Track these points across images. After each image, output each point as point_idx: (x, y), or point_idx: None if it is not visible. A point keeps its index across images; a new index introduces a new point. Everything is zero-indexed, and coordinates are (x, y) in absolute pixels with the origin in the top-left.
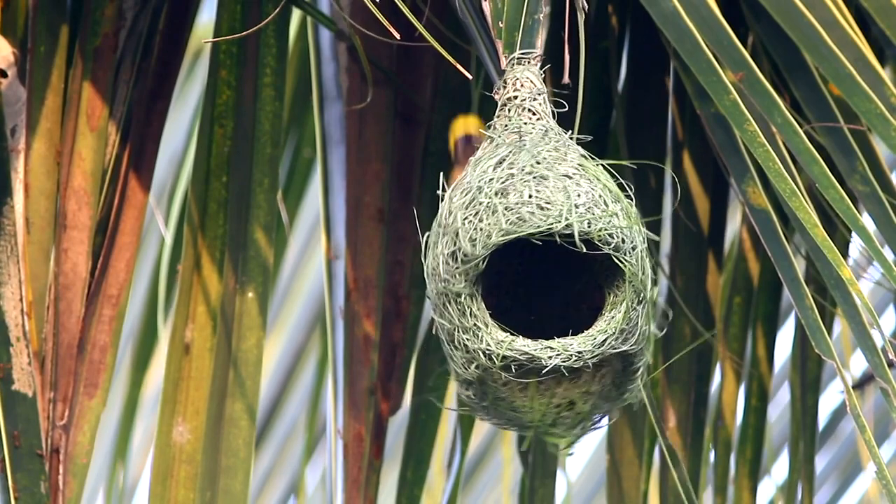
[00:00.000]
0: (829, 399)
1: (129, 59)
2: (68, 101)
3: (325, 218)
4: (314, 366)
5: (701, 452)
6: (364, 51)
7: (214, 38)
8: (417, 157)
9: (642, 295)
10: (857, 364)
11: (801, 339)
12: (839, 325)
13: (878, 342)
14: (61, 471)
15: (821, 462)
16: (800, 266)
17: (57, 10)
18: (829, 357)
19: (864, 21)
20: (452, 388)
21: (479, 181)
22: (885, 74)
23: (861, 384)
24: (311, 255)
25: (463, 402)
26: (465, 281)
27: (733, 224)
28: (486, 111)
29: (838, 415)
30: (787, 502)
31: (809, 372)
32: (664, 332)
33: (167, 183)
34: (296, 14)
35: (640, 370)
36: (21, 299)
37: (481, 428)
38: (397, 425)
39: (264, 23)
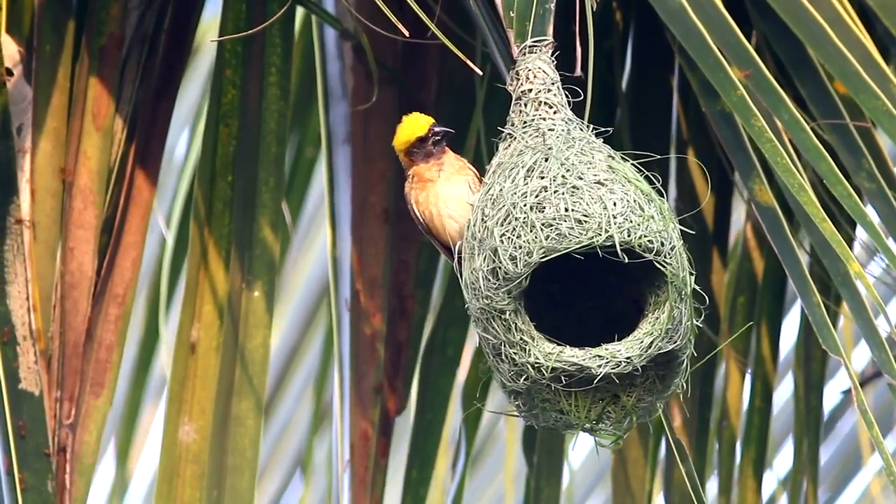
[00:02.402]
0: (830, 396)
1: (134, 58)
2: (74, 100)
3: (330, 217)
4: (315, 358)
5: (706, 452)
6: (369, 49)
7: (220, 37)
8: None
9: (684, 292)
10: (858, 361)
11: (804, 338)
12: (840, 323)
13: (885, 338)
14: (68, 470)
15: (822, 457)
16: (804, 263)
17: (63, 9)
18: (836, 353)
19: (869, 19)
20: (456, 388)
21: (512, 194)
22: (890, 72)
23: (867, 381)
24: (314, 252)
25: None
26: (509, 298)
27: (737, 222)
28: (491, 109)
29: (839, 410)
30: (791, 501)
31: (814, 372)
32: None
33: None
34: (300, 13)
35: (684, 362)
36: (27, 298)
37: (486, 428)
38: (401, 425)
39: (269, 22)
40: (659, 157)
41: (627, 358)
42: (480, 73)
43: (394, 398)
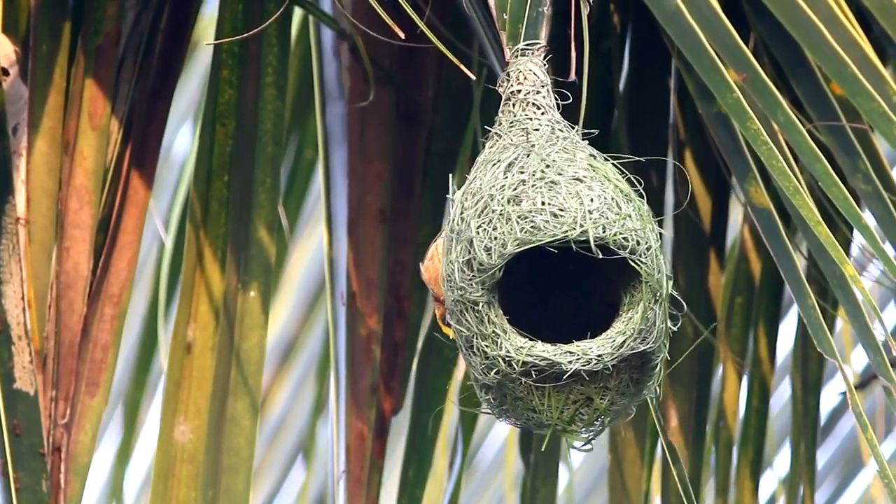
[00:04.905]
0: (830, 396)
1: (130, 57)
2: (70, 99)
3: (326, 217)
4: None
5: (702, 453)
6: (366, 50)
7: (216, 37)
8: (419, 157)
9: (658, 294)
10: (857, 363)
11: (802, 340)
12: (838, 326)
13: (880, 339)
14: (63, 469)
15: (821, 458)
16: (801, 266)
17: (59, 9)
18: (831, 356)
19: (866, 20)
20: (454, 388)
21: (491, 187)
22: (886, 73)
23: (864, 384)
24: (310, 249)
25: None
26: (483, 289)
27: (734, 223)
28: (488, 111)
29: (839, 411)
30: (789, 502)
31: (811, 373)
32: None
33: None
34: (298, 13)
35: (658, 366)
36: (23, 298)
37: (483, 428)
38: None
39: (268, 23)
40: (657, 158)
41: (599, 356)
42: (474, 77)
43: (390, 399)
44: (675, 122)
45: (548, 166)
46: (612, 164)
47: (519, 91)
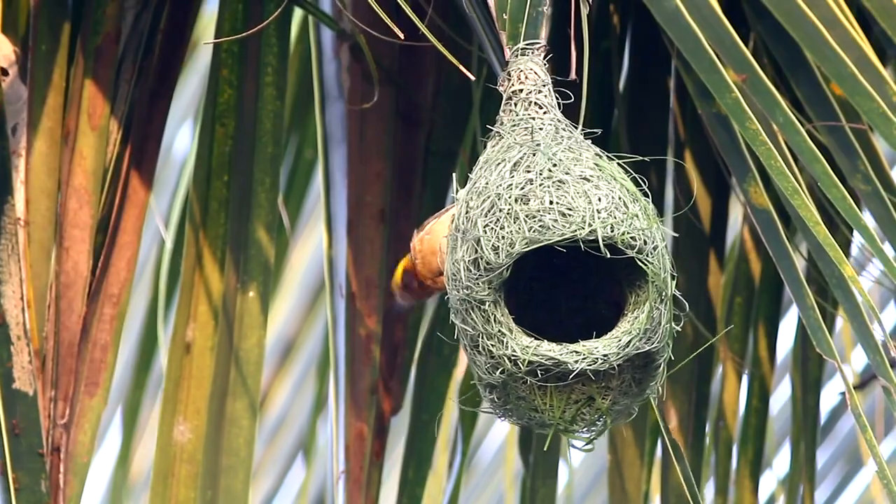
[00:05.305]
0: (829, 396)
1: (130, 57)
2: (69, 99)
3: (326, 217)
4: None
5: (702, 453)
6: (367, 50)
7: (216, 36)
8: (419, 157)
9: (664, 293)
10: (857, 362)
11: (801, 340)
12: (838, 325)
13: (880, 340)
14: (62, 469)
15: (821, 458)
16: (800, 266)
17: (58, 9)
18: (830, 357)
19: (866, 21)
20: (453, 387)
21: (497, 187)
22: (886, 74)
23: (863, 384)
24: (311, 253)
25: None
26: (489, 289)
27: (734, 224)
28: (488, 110)
29: (839, 411)
30: (788, 502)
31: (811, 373)
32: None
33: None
34: (297, 13)
35: (661, 366)
36: (22, 298)
37: (483, 427)
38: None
39: (266, 23)
40: (656, 157)
41: (604, 355)
42: (473, 77)
43: (389, 399)
44: (675, 122)
45: (555, 165)
46: (618, 163)
47: (521, 90)
